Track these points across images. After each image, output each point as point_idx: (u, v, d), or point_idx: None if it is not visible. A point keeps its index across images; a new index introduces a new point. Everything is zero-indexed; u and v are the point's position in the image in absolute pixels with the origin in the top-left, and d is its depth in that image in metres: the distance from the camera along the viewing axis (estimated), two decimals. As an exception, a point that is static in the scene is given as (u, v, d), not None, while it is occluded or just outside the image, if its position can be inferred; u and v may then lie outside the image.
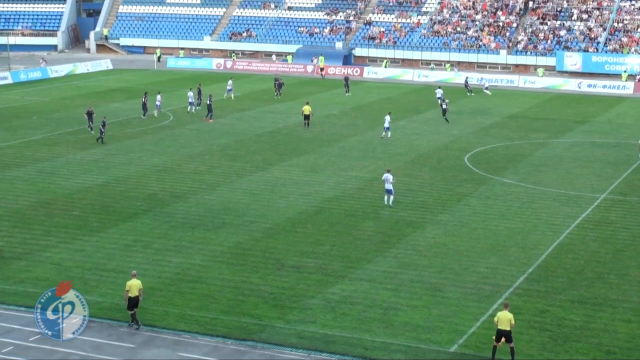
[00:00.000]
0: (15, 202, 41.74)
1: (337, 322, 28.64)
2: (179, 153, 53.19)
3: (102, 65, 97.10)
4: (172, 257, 34.51)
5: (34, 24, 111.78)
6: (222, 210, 40.94)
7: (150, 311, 29.18)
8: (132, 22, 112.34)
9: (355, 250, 35.77)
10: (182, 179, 46.81)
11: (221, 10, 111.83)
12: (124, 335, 27.51)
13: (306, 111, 61.21)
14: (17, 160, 50.64)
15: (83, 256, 34.23)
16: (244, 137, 58.51)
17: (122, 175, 47.49)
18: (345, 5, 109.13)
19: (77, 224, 38.53)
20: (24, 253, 34.55)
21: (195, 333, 27.66)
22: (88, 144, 55.31)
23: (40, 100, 73.63)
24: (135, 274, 28.86)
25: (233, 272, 33.00)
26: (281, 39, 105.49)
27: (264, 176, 47.79)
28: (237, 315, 29.00)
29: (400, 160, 52.11)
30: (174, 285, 31.63)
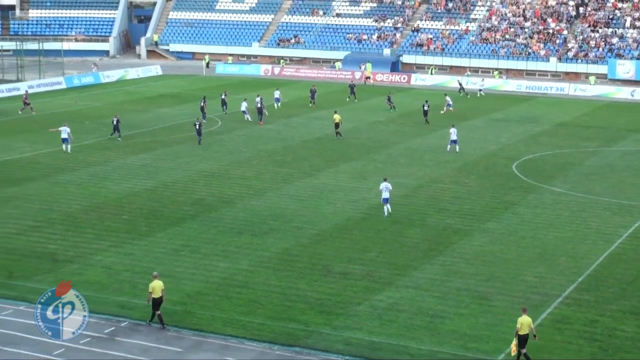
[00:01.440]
0: (68, 205, 42.36)
1: (383, 329, 28.62)
2: (226, 159, 53.55)
3: (152, 70, 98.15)
4: (219, 262, 34.75)
5: (87, 29, 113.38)
6: (269, 216, 41.14)
7: (198, 315, 29.42)
8: (181, 28, 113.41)
9: (402, 257, 35.72)
10: (230, 185, 47.12)
11: (270, 17, 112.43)
12: (172, 339, 27.77)
13: (336, 119, 60.47)
14: (70, 164, 51.37)
15: (132, 260, 34.62)
16: (291, 143, 58.73)
17: (170, 180, 47.94)
18: (393, 12, 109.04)
19: (126, 228, 38.99)
20: (76, 256, 35.04)
21: (242, 338, 27.82)
22: (138, 149, 55.92)
23: (92, 105, 74.62)
24: (157, 275, 29.06)
25: (280, 277, 33.14)
26: (329, 46, 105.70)
27: (311, 182, 47.93)
28: (284, 320, 29.12)
29: (447, 168, 51.92)
30: (221, 290, 31.85)
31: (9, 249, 35.77)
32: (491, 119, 70.85)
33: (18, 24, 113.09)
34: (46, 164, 51.33)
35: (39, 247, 36.10)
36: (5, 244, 36.38)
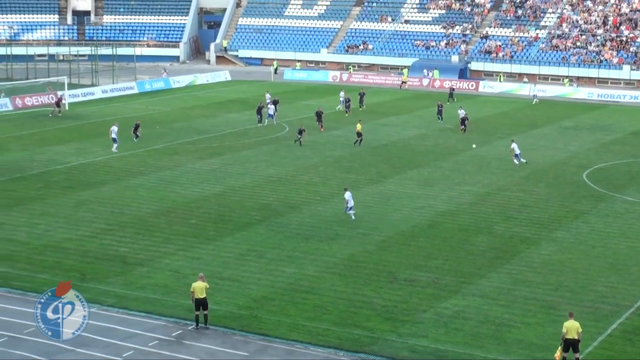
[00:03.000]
0: (138, 209, 43.06)
1: (449, 337, 28.50)
2: (293, 164, 53.84)
3: (221, 76, 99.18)
4: (285, 267, 34.96)
5: (158, 35, 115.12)
6: (335, 221, 41.25)
7: (264, 320, 29.65)
8: (250, 35, 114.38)
9: (468, 265, 35.51)
10: (297, 190, 47.38)
11: (338, 23, 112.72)
12: (238, 344, 28.03)
13: (358, 128, 59.27)
14: (140, 168, 52.23)
15: (200, 264, 35.00)
16: (358, 149, 58.77)
17: (238, 185, 48.38)
18: (462, 18, 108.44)
19: (194, 232, 39.46)
20: (146, 259, 35.61)
21: (308, 343, 27.94)
22: (206, 153, 56.55)
23: (162, 110, 75.72)
24: (203, 277, 29.23)
25: (346, 283, 33.22)
26: (397, 52, 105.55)
27: (377, 188, 47.93)
28: (350, 327, 29.17)
29: (514, 176, 51.43)
30: (287, 295, 32.03)
31: (83, 251, 36.50)
32: (561, 126, 69.96)
33: (93, 30, 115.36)
34: (118, 167, 52.27)
35: (111, 250, 36.76)
36: (79, 246, 37.14)
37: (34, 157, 54.87)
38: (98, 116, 71.66)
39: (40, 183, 48.03)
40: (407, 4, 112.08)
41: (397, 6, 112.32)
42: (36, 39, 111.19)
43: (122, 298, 31.42)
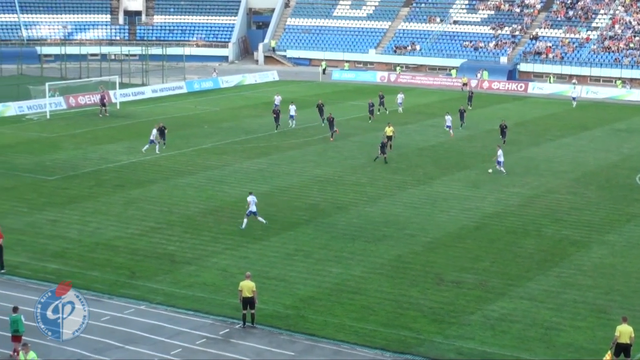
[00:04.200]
0: (186, 208, 43.42)
1: (496, 339, 28.34)
2: (341, 165, 53.87)
3: (269, 76, 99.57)
4: (332, 268, 35.02)
5: (208, 35, 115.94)
6: (382, 222, 41.22)
7: (310, 320, 29.73)
8: (299, 35, 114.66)
9: (516, 267, 35.27)
10: (344, 191, 47.41)
11: (387, 24, 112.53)
12: (284, 343, 28.14)
13: (389, 132, 57.62)
14: (189, 167, 52.66)
15: (247, 263, 35.19)
16: (406, 150, 58.65)
17: (285, 185, 48.55)
18: (511, 19, 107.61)
19: (241, 231, 39.66)
20: (193, 258, 35.89)
21: (354, 344, 27.97)
22: (254, 153, 56.82)
23: (211, 110, 76.21)
24: (249, 276, 29.38)
25: (392, 284, 33.18)
26: (445, 53, 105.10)
27: (425, 190, 47.79)
28: (396, 328, 29.15)
29: (564, 178, 50.94)
30: (334, 295, 32.08)
31: (132, 249, 36.92)
32: (613, 129, 69.13)
33: (144, 30, 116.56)
34: (167, 166, 52.74)
35: (160, 248, 37.13)
36: (129, 244, 37.58)
37: (86, 155, 55.61)
38: (148, 115, 72.35)
39: (93, 181, 48.67)
40: (455, 4, 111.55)
41: (445, 7, 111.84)
42: (89, 38, 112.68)
43: (170, 296, 31.72)
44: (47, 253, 36.19)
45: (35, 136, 62.64)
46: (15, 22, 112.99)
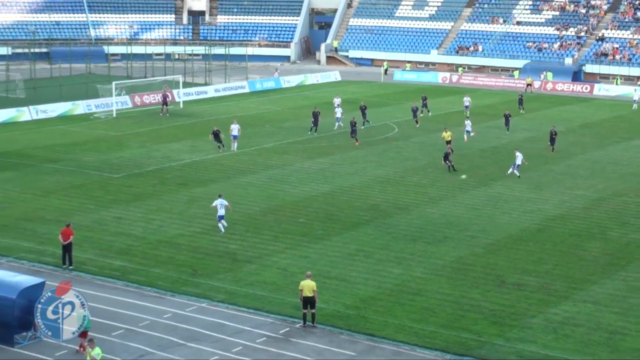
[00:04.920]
0: (248, 207, 43.76)
1: (558, 343, 28.06)
2: (402, 165, 53.78)
3: (331, 76, 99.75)
4: (393, 268, 35.00)
5: (270, 35, 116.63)
6: (443, 223, 41.07)
7: (370, 320, 29.77)
8: (361, 35, 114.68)
9: (580, 270, 34.85)
10: (405, 191, 47.32)
11: (449, 24, 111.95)
12: (345, 343, 28.21)
13: (447, 137, 56.51)
14: (250, 167, 53.06)
15: (307, 262, 35.34)
16: (467, 151, 58.29)
17: (346, 185, 48.63)
18: (576, 20, 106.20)
19: (302, 230, 39.87)
20: (254, 257, 36.17)
21: (414, 345, 27.93)
22: (315, 153, 57.00)
23: (272, 109, 76.65)
24: (310, 275, 29.49)
25: (453, 286, 33.05)
26: (508, 54, 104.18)
27: (486, 191, 47.47)
28: (456, 329, 29.04)
29: (632, 181, 50.14)
30: (394, 296, 32.07)
31: (194, 247, 37.33)
32: (679, 131, 67.87)
33: (207, 29, 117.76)
34: (229, 165, 53.22)
35: (221, 246, 37.49)
36: (191, 242, 38.01)
37: (150, 153, 56.39)
38: (210, 114, 73.07)
39: (156, 179, 49.35)
40: (519, 5, 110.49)
41: (509, 7, 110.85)
42: (154, 38, 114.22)
43: (231, 294, 32.01)
44: (113, 250, 36.82)
45: (103, 134, 63.73)
46: (84, 22, 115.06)
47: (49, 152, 56.29)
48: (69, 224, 35.26)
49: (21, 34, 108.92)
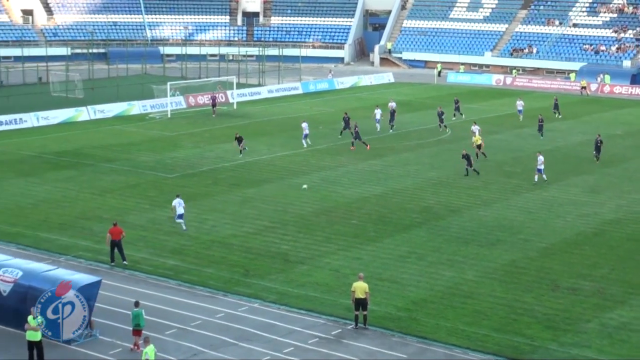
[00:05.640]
0: (300, 208, 43.89)
1: (614, 348, 27.69)
2: (454, 168, 53.46)
3: (384, 78, 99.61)
4: (445, 271, 34.85)
5: (324, 37, 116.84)
6: (496, 226, 40.78)
7: (422, 323, 29.68)
8: (415, 37, 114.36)
9: (637, 275, 34.34)
10: (457, 194, 47.08)
11: (504, 26, 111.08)
12: (396, 345, 28.16)
13: (477, 141, 55.86)
14: (303, 167, 53.21)
15: (359, 264, 35.32)
16: (521, 154, 57.80)
17: (399, 187, 48.52)
18: (635, 22, 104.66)
19: (355, 232, 39.88)
20: (307, 258, 36.27)
21: (466, 348, 27.78)
22: (368, 155, 56.92)
23: (326, 111, 76.74)
24: (362, 277, 29.46)
25: (506, 289, 32.80)
26: (564, 56, 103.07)
27: (540, 194, 47.02)
28: (509, 333, 28.82)
29: (689, 186, 49.33)
30: (446, 298, 31.94)
31: (247, 247, 37.55)
32: None
33: (261, 31, 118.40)
34: (282, 166, 53.44)
35: (273, 247, 37.66)
36: (243, 242, 38.23)
37: (204, 154, 56.85)
38: (264, 115, 73.43)
39: (210, 180, 49.75)
40: (575, 7, 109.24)
41: (565, 9, 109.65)
42: (208, 39, 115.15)
43: (283, 295, 32.14)
44: (167, 249, 37.20)
45: (157, 134, 64.44)
46: (141, 23, 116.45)
47: (106, 152, 57.09)
48: (116, 223, 35.79)
49: (80, 35, 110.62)
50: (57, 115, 69.58)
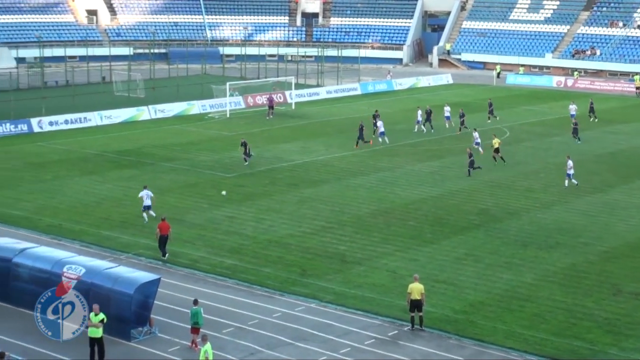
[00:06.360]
0: (358, 208, 43.94)
1: (676, 356, 27.28)
2: (513, 170, 53.05)
3: (442, 79, 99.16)
4: (502, 274, 34.61)
5: (383, 37, 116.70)
6: (555, 229, 40.37)
7: (479, 325, 29.54)
8: (474, 38, 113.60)
9: (699, 282, 33.74)
10: (516, 196, 46.69)
11: (565, 28, 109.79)
12: (453, 347, 28.07)
13: (495, 144, 54.53)
14: (361, 168, 53.23)
15: (416, 266, 35.24)
16: (582, 157, 57.06)
17: (456, 188, 48.29)
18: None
19: (411, 233, 39.81)
20: (363, 259, 36.30)
21: (524, 352, 27.58)
22: (425, 156, 56.77)
23: (384, 112, 76.35)
24: (417, 278, 29.41)
25: (565, 293, 32.47)
26: (628, 58, 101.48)
27: (602, 198, 46.41)
28: (568, 337, 28.53)
29: None
30: (504, 301, 31.72)
31: (304, 247, 37.71)
32: None
33: (320, 31, 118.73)
34: (339, 167, 53.54)
35: (330, 247, 37.76)
36: (300, 242, 38.40)
37: (262, 154, 57.15)
38: (322, 116, 73.61)
39: (267, 179, 50.05)
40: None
41: (629, 10, 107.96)
42: (267, 39, 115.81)
43: (339, 295, 32.22)
44: (225, 248, 37.53)
45: (216, 134, 65.02)
46: (201, 23, 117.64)
47: (166, 151, 57.79)
48: (164, 218, 36.39)
49: (142, 35, 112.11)
50: (120, 114, 70.67)
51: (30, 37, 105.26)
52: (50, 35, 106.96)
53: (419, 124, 66.23)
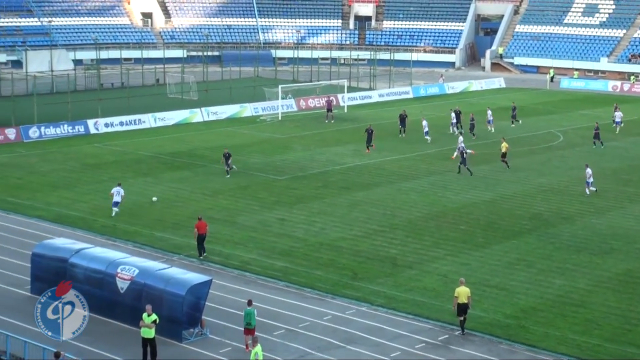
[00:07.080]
0: (409, 212, 43.91)
1: None
2: (566, 174, 52.57)
3: (495, 83, 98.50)
4: (555, 279, 34.34)
5: (435, 41, 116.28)
6: (610, 235, 39.92)
7: (531, 331, 29.36)
8: (527, 42, 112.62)
9: None
10: (569, 201, 46.27)
11: (621, 32, 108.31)
12: (504, 352, 27.94)
13: (503, 149, 53.97)
14: (412, 172, 53.17)
15: (467, 270, 35.12)
16: (638, 162, 56.34)
17: (508, 193, 47.98)
18: None
19: (463, 237, 39.66)
20: (415, 262, 36.27)
21: (577, 358, 27.36)
22: (477, 160, 56.36)
23: (436, 115, 76.26)
24: (464, 282, 29.33)
25: (620, 299, 32.11)
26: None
27: (657, 204, 45.84)
28: (622, 344, 28.23)
29: None
30: (557, 307, 31.48)
31: (356, 251, 37.78)
32: None
33: (373, 34, 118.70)
34: (391, 170, 53.51)
35: (382, 251, 37.79)
36: (352, 245, 38.49)
37: (314, 157, 57.38)
38: (374, 119, 73.43)
39: (319, 182, 50.20)
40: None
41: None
42: (320, 42, 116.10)
43: (390, 299, 32.25)
44: (276, 251, 37.75)
45: (268, 137, 65.39)
46: (254, 26, 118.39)
47: (218, 153, 58.04)
48: (201, 217, 36.92)
49: (195, 38, 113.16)
50: (173, 116, 71.43)
51: (87, 40, 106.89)
52: (106, 38, 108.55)
53: (453, 126, 66.56)
